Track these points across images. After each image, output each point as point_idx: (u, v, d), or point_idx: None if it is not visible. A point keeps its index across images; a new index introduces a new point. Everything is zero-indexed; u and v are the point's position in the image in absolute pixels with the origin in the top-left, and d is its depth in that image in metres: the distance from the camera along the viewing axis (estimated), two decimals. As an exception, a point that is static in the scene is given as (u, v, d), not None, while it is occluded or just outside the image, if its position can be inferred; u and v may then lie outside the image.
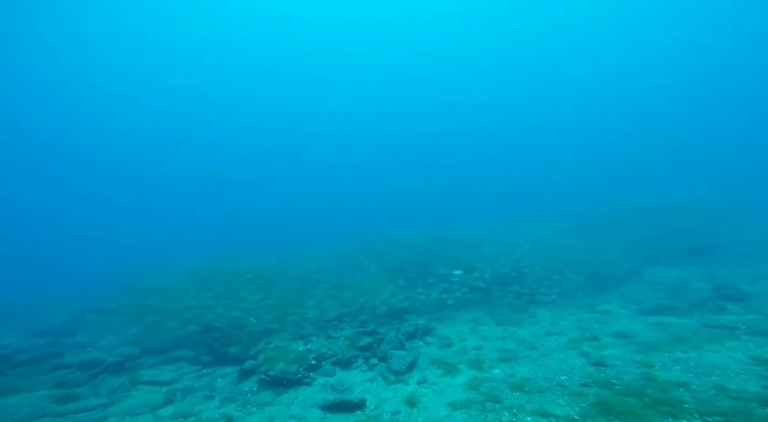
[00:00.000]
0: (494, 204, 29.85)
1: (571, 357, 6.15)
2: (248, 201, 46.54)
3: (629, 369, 5.32)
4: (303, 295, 9.78)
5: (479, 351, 7.11)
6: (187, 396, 6.22)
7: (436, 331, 8.81)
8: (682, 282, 10.58)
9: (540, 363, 6.06)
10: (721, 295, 9.23)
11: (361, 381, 6.26)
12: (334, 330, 8.25)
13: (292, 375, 6.14)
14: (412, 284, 11.11)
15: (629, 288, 10.91)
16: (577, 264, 11.82)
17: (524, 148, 49.80)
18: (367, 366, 6.83)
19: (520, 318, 9.04)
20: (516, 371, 5.91)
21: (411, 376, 6.29)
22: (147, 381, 6.86)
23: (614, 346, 6.42)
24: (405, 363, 6.53)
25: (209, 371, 7.30)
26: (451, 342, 7.93)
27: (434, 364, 6.75)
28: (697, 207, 16.26)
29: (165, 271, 14.88)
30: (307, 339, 7.68)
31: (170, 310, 8.94)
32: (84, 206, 45.68)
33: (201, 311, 8.83)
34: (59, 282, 17.19)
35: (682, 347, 5.95)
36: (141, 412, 5.79)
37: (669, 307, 8.47)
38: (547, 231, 16.16)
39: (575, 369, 5.57)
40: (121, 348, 8.36)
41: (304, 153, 55.34)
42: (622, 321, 8.14)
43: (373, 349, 7.29)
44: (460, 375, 6.18)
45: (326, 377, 6.44)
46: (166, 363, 7.80)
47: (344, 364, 6.89)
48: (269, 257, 15.84)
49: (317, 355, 6.86)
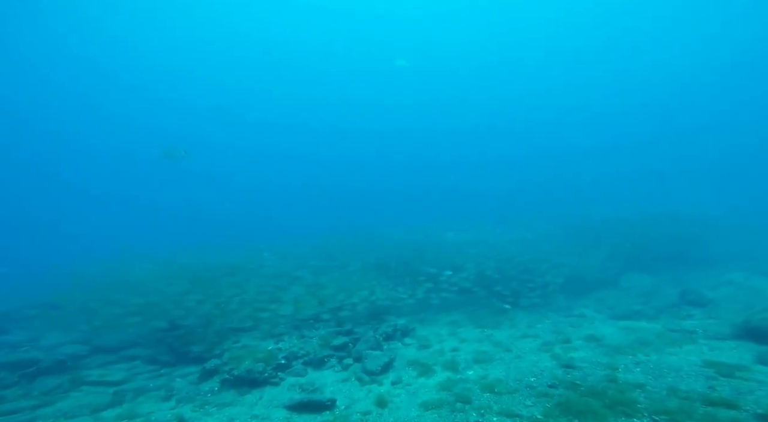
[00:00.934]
0: (486, 205, 30.26)
1: (543, 359, 6.33)
2: (227, 194, 45.82)
3: (595, 371, 5.52)
4: (280, 291, 9.61)
5: (456, 353, 7.21)
6: (139, 397, 5.96)
7: (415, 332, 8.88)
8: (653, 289, 11.05)
9: (513, 365, 6.21)
10: (686, 301, 9.73)
11: (334, 381, 6.24)
12: (309, 330, 8.16)
13: (258, 374, 5.99)
14: (396, 284, 11.14)
15: (605, 292, 11.31)
16: (559, 267, 12.11)
17: (522, 150, 50.43)
18: (341, 366, 6.81)
19: (499, 321, 9.23)
20: (489, 372, 6.03)
21: (386, 377, 6.32)
22: (92, 382, 6.48)
23: (584, 349, 6.65)
24: (380, 364, 6.55)
25: (168, 371, 7.01)
26: (430, 343, 8.01)
27: (411, 365, 6.81)
28: (679, 217, 17.01)
29: (134, 264, 14.25)
30: (278, 338, 7.56)
31: (133, 305, 8.47)
32: (48, 194, 43.78)
33: (169, 306, 8.47)
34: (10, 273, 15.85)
35: (645, 350, 6.23)
36: (80, 414, 5.44)
37: (638, 312, 8.86)
38: (535, 235, 16.54)
39: (545, 371, 5.73)
40: (66, 347, 7.75)
41: (292, 147, 54.68)
42: (595, 325, 8.45)
43: (348, 349, 7.27)
44: (435, 376, 6.26)
45: (296, 377, 6.35)
46: (119, 362, 7.40)
47: (317, 364, 6.83)
48: (247, 251, 15.52)
49: (288, 354, 6.76)
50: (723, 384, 4.76)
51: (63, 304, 9.93)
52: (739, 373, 5.09)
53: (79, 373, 6.78)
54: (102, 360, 7.53)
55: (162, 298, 8.91)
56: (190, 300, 8.61)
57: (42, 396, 6.01)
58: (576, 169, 42.80)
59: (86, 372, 6.82)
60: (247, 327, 8.33)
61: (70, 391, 6.21)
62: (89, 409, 5.55)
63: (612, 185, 35.17)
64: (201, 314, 8.31)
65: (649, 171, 39.73)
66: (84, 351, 7.85)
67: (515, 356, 6.64)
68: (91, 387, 6.31)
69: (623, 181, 36.53)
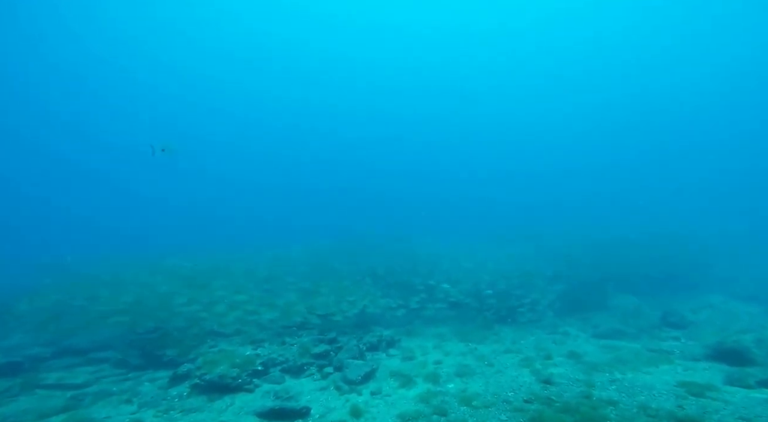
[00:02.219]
0: (488, 218, 30.46)
1: (522, 374, 6.39)
2: (226, 195, 45.70)
3: (571, 388, 5.59)
4: (272, 296, 9.56)
5: (438, 366, 7.22)
6: (98, 401, 5.73)
7: (400, 344, 8.86)
8: (637, 309, 11.23)
9: (493, 380, 6.25)
10: (667, 322, 9.91)
11: (311, 389, 6.19)
12: (292, 337, 8.12)
13: (231, 380, 5.89)
14: (387, 293, 11.13)
15: (592, 312, 11.40)
16: (552, 284, 12.18)
17: (531, 165, 50.98)
18: (321, 374, 6.75)
19: (485, 336, 9.27)
20: (469, 386, 6.06)
21: (366, 387, 6.29)
22: (48, 385, 6.21)
23: (564, 365, 6.73)
24: (361, 373, 6.53)
25: (136, 374, 6.82)
26: (414, 355, 8.01)
27: (392, 376, 6.79)
28: (670, 238, 17.35)
29: (125, 263, 14.02)
30: (258, 344, 7.49)
31: (116, 304, 8.30)
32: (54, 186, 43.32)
33: (155, 306, 8.36)
34: None
35: (622, 368, 6.34)
36: (23, 420, 5.14)
37: (620, 332, 8.99)
38: (533, 252, 16.64)
39: (523, 386, 5.78)
40: (29, 349, 7.47)
41: (294, 151, 55.06)
42: (578, 343, 8.54)
43: (330, 358, 7.23)
44: (415, 387, 6.25)
45: (273, 384, 6.26)
46: (85, 365, 7.13)
47: (295, 372, 6.77)
48: (239, 253, 15.40)
49: (266, 361, 6.68)
50: (691, 403, 4.87)
51: (42, 302, 9.65)
52: (709, 393, 5.22)
53: (35, 376, 6.51)
54: (67, 362, 7.23)
55: (151, 298, 8.78)
56: (176, 304, 8.51)
57: (-14, 398, 5.64)
58: (577, 189, 43.25)
59: (44, 375, 6.55)
60: (228, 331, 8.25)
61: (20, 395, 5.93)
62: (36, 414, 5.27)
63: (607, 204, 35.77)
64: (187, 316, 8.19)
65: (645, 190, 40.43)
66: (47, 352, 7.54)
67: (496, 370, 6.68)
68: (46, 391, 6.05)
69: (618, 200, 37.10)
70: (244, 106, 54.92)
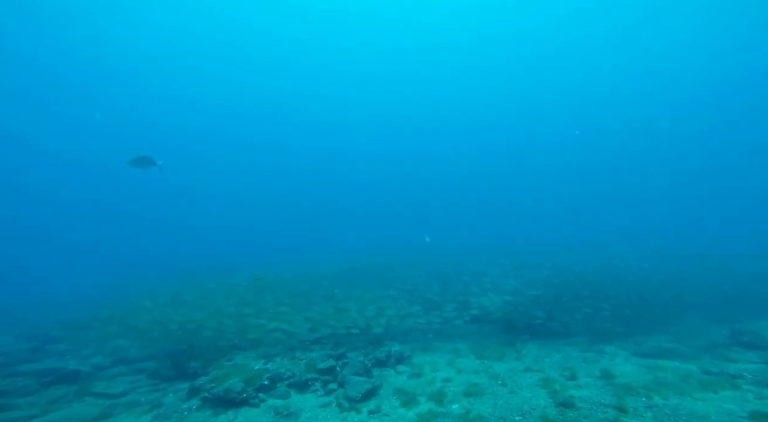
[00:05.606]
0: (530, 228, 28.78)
1: (538, 395, 5.62)
2: (255, 213, 48.13)
3: (594, 413, 4.77)
4: (304, 310, 9.65)
5: (447, 384, 6.67)
6: (125, 412, 6.11)
7: (411, 360, 8.39)
8: (696, 326, 9.47)
9: (503, 401, 5.58)
10: (736, 342, 8.14)
11: (313, 406, 6.03)
12: (303, 351, 8.10)
13: (236, 394, 5.96)
14: (411, 308, 10.61)
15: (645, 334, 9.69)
16: (605, 302, 10.61)
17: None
18: (324, 390, 6.58)
19: (504, 352, 8.42)
20: (474, 407, 5.48)
21: (366, 405, 5.99)
22: (95, 393, 6.74)
23: (590, 387, 5.80)
24: (362, 391, 6.24)
25: (165, 386, 7.21)
26: (423, 372, 7.51)
27: (396, 394, 6.40)
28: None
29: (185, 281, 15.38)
30: (270, 358, 7.58)
31: (170, 321, 9.01)
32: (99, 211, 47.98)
33: (203, 323, 8.86)
34: (61, 287, 17.79)
35: (665, 392, 5.26)
36: None
37: (669, 350, 7.57)
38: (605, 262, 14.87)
39: (536, 410, 5.07)
40: (95, 358, 8.39)
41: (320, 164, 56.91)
42: (615, 362, 7.35)
43: (335, 373, 7.05)
44: (417, 407, 5.81)
45: (278, 399, 6.24)
46: (128, 374, 7.75)
47: (300, 387, 6.68)
48: (279, 268, 16.01)
49: (273, 375, 6.70)
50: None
51: (108, 318, 10.93)
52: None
53: (88, 384, 7.19)
54: (116, 372, 7.96)
55: (202, 313, 9.38)
56: (220, 318, 8.94)
57: (48, 404, 6.35)
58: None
59: (94, 384, 7.22)
60: (245, 345, 8.49)
61: (74, 401, 6.53)
62: (75, 421, 5.78)
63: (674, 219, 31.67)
64: (217, 330, 8.60)
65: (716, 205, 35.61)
66: (107, 362, 8.44)
67: (509, 391, 5.97)
68: (93, 399, 6.61)
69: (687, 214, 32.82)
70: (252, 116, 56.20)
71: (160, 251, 34.39)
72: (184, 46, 46.31)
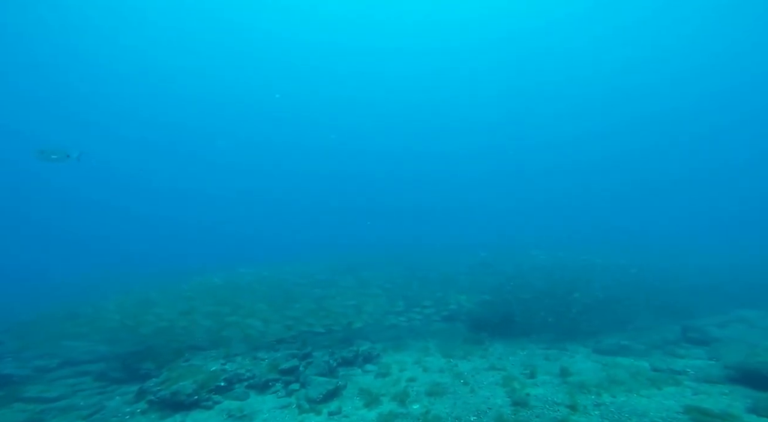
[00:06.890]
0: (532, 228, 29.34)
1: (496, 395, 5.71)
2: (239, 213, 47.07)
3: (546, 412, 4.88)
4: (285, 308, 9.33)
5: (411, 384, 6.66)
6: (58, 416, 5.70)
7: (380, 359, 8.34)
8: (650, 323, 9.97)
9: (462, 400, 5.63)
10: (686, 338, 8.66)
11: (271, 407, 5.86)
12: (269, 351, 7.88)
13: (186, 396, 5.68)
14: (392, 306, 10.51)
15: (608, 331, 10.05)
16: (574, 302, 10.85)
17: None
18: (286, 391, 6.41)
19: (470, 351, 8.54)
20: (434, 407, 5.49)
21: (327, 406, 5.88)
22: (26, 398, 6.27)
23: (546, 385, 5.95)
24: (323, 391, 6.12)
25: (113, 388, 6.80)
26: (390, 371, 7.47)
27: (359, 394, 6.33)
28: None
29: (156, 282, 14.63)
30: (230, 359, 7.30)
31: (139, 322, 8.54)
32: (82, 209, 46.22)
33: (175, 322, 8.45)
34: (25, 285, 16.74)
35: (615, 390, 5.48)
36: None
37: (625, 348, 7.94)
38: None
39: (492, 409, 5.14)
40: (39, 360, 7.77)
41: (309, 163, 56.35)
42: (575, 360, 7.61)
43: (297, 374, 6.89)
44: (379, 407, 5.76)
45: (234, 401, 6.01)
46: (71, 377, 7.24)
47: (261, 388, 6.47)
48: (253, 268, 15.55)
49: (231, 376, 6.45)
50: (691, 435, 4.05)
51: (79, 315, 10.11)
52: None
53: (19, 388, 6.62)
54: (59, 374, 7.38)
55: (174, 312, 8.89)
56: (185, 319, 8.57)
57: (-27, 412, 5.80)
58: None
59: (27, 388, 6.66)
60: (206, 345, 8.16)
61: (1, 408, 6.02)
62: None
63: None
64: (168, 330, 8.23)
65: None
66: (52, 364, 7.79)
67: (470, 390, 6.04)
68: (22, 404, 6.10)
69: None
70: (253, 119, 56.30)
71: (149, 249, 32.87)
72: (184, 47, 45.03)
